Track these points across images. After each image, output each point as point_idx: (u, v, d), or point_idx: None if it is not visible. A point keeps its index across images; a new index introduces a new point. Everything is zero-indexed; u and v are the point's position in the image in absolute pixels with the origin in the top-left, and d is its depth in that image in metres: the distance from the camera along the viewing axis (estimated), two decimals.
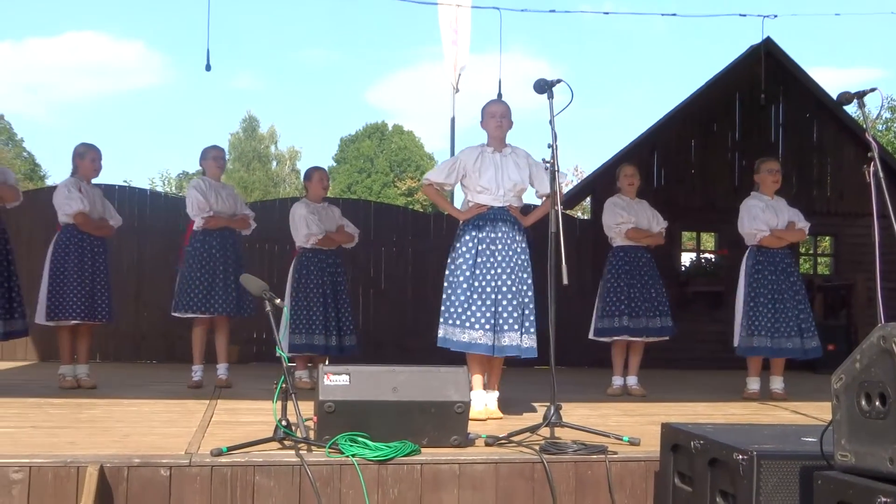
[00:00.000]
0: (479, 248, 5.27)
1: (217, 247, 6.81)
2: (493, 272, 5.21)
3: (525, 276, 5.26)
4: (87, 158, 6.70)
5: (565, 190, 5.94)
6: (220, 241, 6.84)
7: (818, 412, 5.70)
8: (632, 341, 7.18)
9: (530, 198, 5.70)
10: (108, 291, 6.67)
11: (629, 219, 7.21)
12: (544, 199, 5.45)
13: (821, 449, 2.85)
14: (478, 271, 5.23)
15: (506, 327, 5.14)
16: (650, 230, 7.25)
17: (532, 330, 5.19)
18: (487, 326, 5.14)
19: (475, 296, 5.19)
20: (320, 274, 7.07)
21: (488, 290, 5.19)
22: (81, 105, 64.36)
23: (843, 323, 10.93)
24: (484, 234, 5.29)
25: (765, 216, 6.95)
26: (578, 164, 28.51)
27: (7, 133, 39.51)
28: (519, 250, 5.27)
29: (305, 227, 7.04)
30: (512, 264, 5.22)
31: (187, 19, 57.24)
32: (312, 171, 7.45)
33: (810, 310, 7.01)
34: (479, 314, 5.16)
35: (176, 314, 6.88)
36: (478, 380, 5.34)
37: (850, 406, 2.67)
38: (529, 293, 5.25)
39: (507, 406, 5.47)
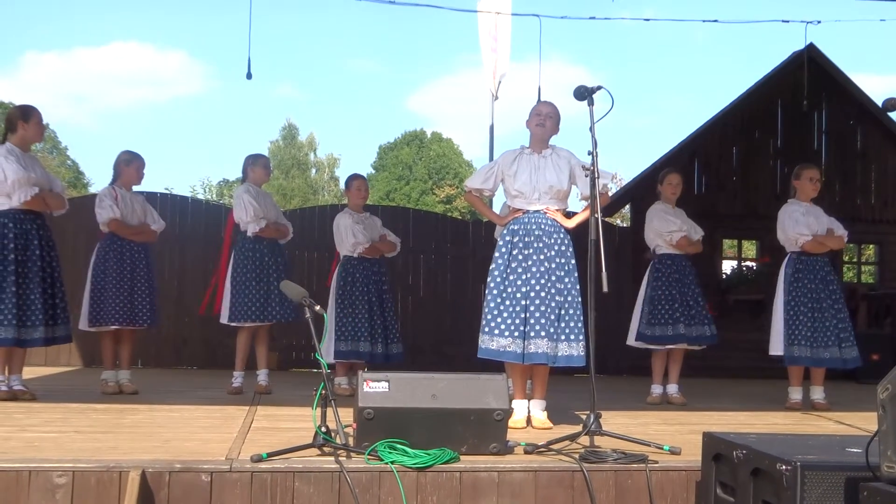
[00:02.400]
0: (513, 253, 5.18)
1: (268, 254, 6.88)
2: (523, 277, 5.11)
3: (567, 280, 5.13)
4: (132, 166, 6.80)
5: (610, 193, 5.87)
6: (270, 249, 6.90)
7: (862, 422, 5.62)
8: (672, 349, 7.14)
9: (574, 204, 5.64)
10: (151, 296, 6.74)
11: (682, 227, 7.19)
12: (587, 201, 5.40)
13: (866, 460, 2.80)
14: (510, 277, 5.14)
15: (532, 334, 5.03)
16: (691, 238, 7.21)
17: (573, 336, 5.06)
18: (517, 333, 5.04)
19: (507, 302, 5.10)
20: (365, 282, 7.11)
21: (518, 295, 5.08)
22: (125, 113, 65.26)
23: (887, 332, 10.77)
24: (518, 238, 5.20)
25: (806, 220, 6.88)
26: (618, 172, 28.33)
27: (52, 141, 40.09)
28: (553, 253, 5.14)
29: (352, 237, 7.11)
30: (543, 269, 5.10)
31: (229, 30, 57.76)
32: (351, 180, 7.51)
33: (849, 319, 6.91)
34: (508, 321, 5.07)
35: (233, 323, 6.88)
36: (519, 388, 5.31)
37: None
38: (569, 298, 5.11)
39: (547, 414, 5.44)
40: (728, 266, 12.02)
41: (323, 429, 3.91)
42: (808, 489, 2.95)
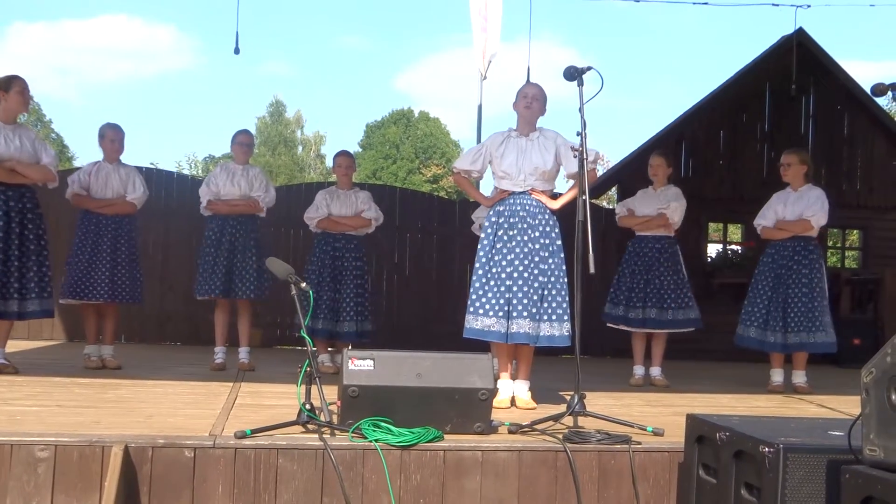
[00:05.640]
0: (498, 234, 5.21)
1: (229, 230, 6.87)
2: (508, 258, 5.15)
3: (551, 261, 5.15)
4: (106, 139, 6.77)
5: (598, 173, 5.94)
6: (232, 225, 6.88)
7: (844, 406, 5.65)
8: (654, 332, 7.15)
9: (560, 184, 5.62)
10: (133, 272, 6.68)
11: (622, 209, 7.30)
12: (573, 182, 5.39)
13: (849, 443, 2.81)
14: (495, 258, 5.18)
15: (515, 314, 5.07)
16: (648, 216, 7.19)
17: (555, 317, 5.09)
18: (501, 314, 5.08)
19: (492, 282, 5.15)
20: (322, 256, 7.13)
21: (503, 276, 5.12)
22: (112, 87, 64.91)
23: (869, 317, 10.82)
24: (503, 219, 5.23)
25: (770, 210, 6.98)
26: (605, 154, 28.36)
27: (36, 114, 39.79)
28: (538, 234, 5.17)
29: (307, 212, 7.20)
30: (527, 250, 5.13)
31: (219, 5, 57.34)
32: (334, 157, 7.53)
33: (814, 304, 6.80)
34: (493, 301, 5.11)
35: (198, 297, 7.02)
36: (503, 369, 5.32)
37: (879, 400, 2.64)
38: (552, 279, 5.14)
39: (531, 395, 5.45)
40: (713, 249, 12.05)
41: (307, 406, 3.91)
42: (790, 471, 2.96)
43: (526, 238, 5.16)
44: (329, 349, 7.19)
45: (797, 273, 6.83)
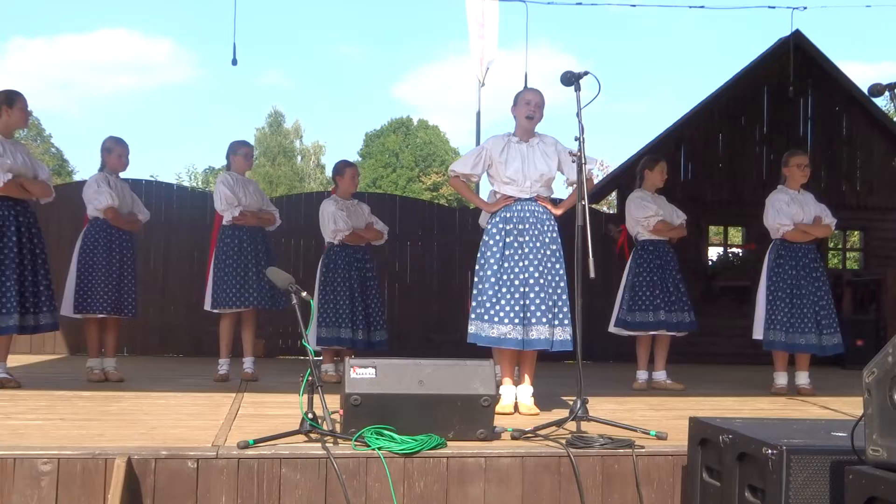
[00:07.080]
0: (507, 240, 5.19)
1: (248, 241, 6.85)
2: (521, 265, 5.12)
3: (558, 266, 5.17)
4: (113, 153, 6.74)
5: (595, 180, 5.94)
6: (250, 236, 6.87)
7: (847, 407, 5.64)
8: (658, 336, 7.15)
9: (559, 190, 5.64)
10: (135, 286, 6.71)
11: (658, 211, 7.18)
12: (573, 187, 5.39)
13: (852, 444, 2.81)
14: (506, 264, 5.14)
15: (533, 320, 5.05)
16: (672, 223, 7.23)
17: (566, 322, 5.11)
18: (517, 320, 5.05)
19: (504, 289, 5.10)
20: (348, 268, 7.09)
21: (517, 283, 5.09)
22: (111, 101, 64.92)
23: (871, 318, 10.81)
24: (511, 226, 5.20)
25: (790, 210, 6.90)
26: (604, 160, 28.33)
27: (36, 129, 39.81)
28: (548, 240, 5.18)
29: (333, 224, 7.08)
30: (540, 256, 5.13)
31: (216, 17, 57.72)
32: (344, 167, 7.42)
33: (833, 306, 6.91)
34: (507, 308, 5.07)
35: (214, 310, 6.91)
36: (508, 374, 5.31)
37: (882, 400, 2.64)
38: (562, 284, 5.16)
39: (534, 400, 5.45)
40: (714, 253, 12.05)
41: (310, 415, 3.90)
42: (793, 473, 2.96)
43: (539, 244, 5.16)
44: (335, 358, 7.19)
45: (820, 276, 6.88)
